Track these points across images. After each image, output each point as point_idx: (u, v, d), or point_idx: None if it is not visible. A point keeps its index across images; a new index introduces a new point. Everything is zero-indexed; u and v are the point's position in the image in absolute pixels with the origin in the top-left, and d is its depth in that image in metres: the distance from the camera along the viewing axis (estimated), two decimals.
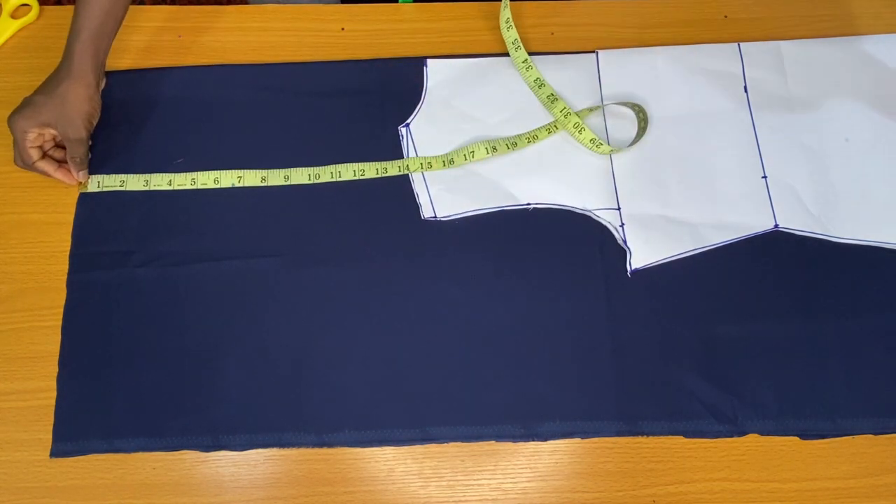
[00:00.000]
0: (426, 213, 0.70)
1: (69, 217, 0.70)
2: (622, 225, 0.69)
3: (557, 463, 0.62)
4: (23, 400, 0.63)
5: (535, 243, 0.68)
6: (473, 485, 0.62)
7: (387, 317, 0.66)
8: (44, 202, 0.70)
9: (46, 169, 0.68)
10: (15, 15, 0.78)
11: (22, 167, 0.69)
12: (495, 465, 0.62)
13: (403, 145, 0.72)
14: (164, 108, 0.74)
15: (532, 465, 0.62)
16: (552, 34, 0.78)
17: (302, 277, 0.67)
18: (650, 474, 0.62)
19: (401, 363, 0.64)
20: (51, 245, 0.69)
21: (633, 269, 0.67)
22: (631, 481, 0.62)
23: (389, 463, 0.62)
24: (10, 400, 0.63)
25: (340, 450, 0.62)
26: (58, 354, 0.64)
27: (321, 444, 0.62)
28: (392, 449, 0.62)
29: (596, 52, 0.76)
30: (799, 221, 0.69)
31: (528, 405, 0.63)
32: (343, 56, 0.77)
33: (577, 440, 0.63)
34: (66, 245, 0.68)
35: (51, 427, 0.62)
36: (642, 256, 0.68)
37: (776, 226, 0.69)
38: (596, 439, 0.63)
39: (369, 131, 0.73)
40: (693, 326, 0.65)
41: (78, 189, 0.70)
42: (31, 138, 0.67)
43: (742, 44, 0.76)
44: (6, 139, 0.69)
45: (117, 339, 0.65)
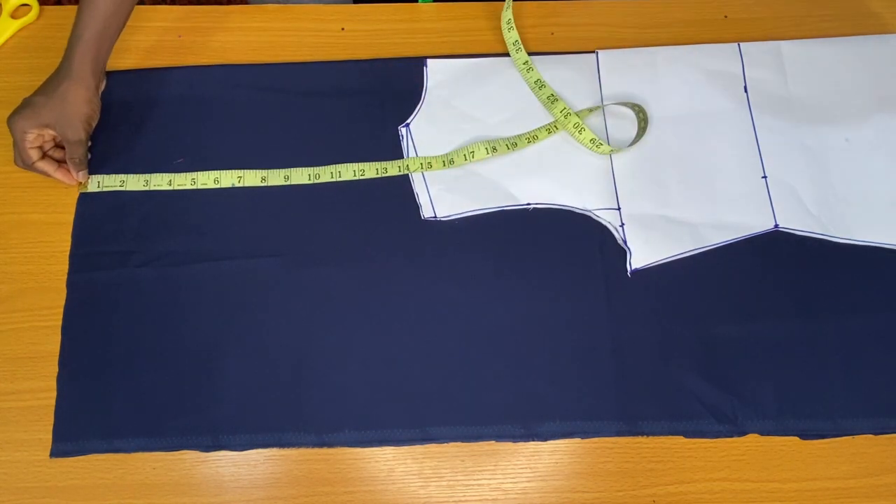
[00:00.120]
0: (426, 213, 0.70)
1: (69, 217, 0.70)
2: (622, 225, 0.69)
3: (557, 463, 0.62)
4: (23, 400, 0.63)
5: (535, 243, 0.69)
6: (473, 485, 0.62)
7: (387, 317, 0.66)
8: (44, 202, 0.70)
9: (46, 169, 0.68)
10: (15, 15, 0.78)
11: (22, 167, 0.69)
12: (495, 465, 0.62)
13: (403, 145, 0.72)
14: (164, 108, 0.74)
15: (532, 465, 0.62)
16: (552, 34, 0.78)
17: (302, 277, 0.67)
18: (650, 474, 0.62)
19: (401, 363, 0.64)
20: (51, 245, 0.69)
21: (633, 269, 0.67)
22: (631, 481, 0.62)
23: (389, 463, 0.62)
24: (10, 400, 0.63)
25: (340, 450, 0.62)
26: (58, 354, 0.64)
27: (321, 444, 0.62)
28: (392, 449, 0.62)
29: (596, 53, 0.76)
30: (799, 221, 0.69)
31: (528, 405, 0.63)
32: (343, 56, 0.77)
33: (577, 440, 0.63)
34: (66, 245, 0.68)
35: (51, 427, 0.62)
36: (642, 256, 0.68)
37: (776, 226, 0.69)
38: (596, 439, 0.63)
39: (369, 131, 0.73)
40: (693, 326, 0.65)
41: (78, 189, 0.70)
42: (31, 139, 0.67)
43: (742, 44, 0.76)
44: (6, 139, 0.69)
45: (117, 339, 0.65)
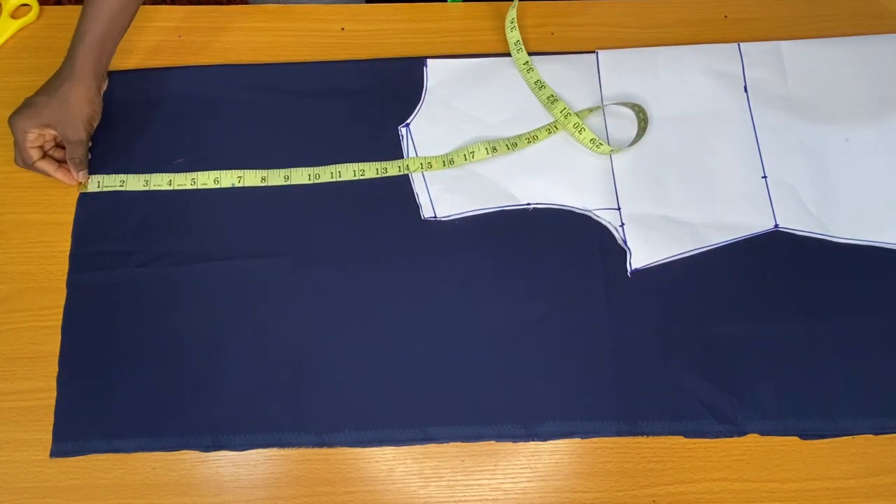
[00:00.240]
0: (426, 213, 0.70)
1: (69, 217, 0.70)
2: (622, 225, 0.69)
3: (557, 463, 0.62)
4: (23, 400, 0.63)
5: (536, 243, 0.68)
6: (473, 485, 0.62)
7: (387, 317, 0.66)
8: (44, 202, 0.70)
9: (46, 169, 0.68)
10: (15, 15, 0.78)
11: (22, 167, 0.69)
12: (495, 465, 0.62)
13: (403, 145, 0.72)
14: (165, 108, 0.74)
15: (532, 465, 0.62)
16: (552, 34, 0.78)
17: (302, 277, 0.67)
18: (650, 474, 0.62)
19: (401, 363, 0.64)
20: (51, 245, 0.69)
21: (634, 269, 0.67)
22: (631, 481, 0.62)
23: (389, 463, 0.62)
24: (10, 400, 0.63)
25: (340, 450, 0.62)
26: (58, 354, 0.64)
27: (321, 444, 0.62)
28: (392, 449, 0.62)
29: (596, 53, 0.76)
30: (799, 221, 0.69)
31: (528, 405, 0.63)
32: (343, 56, 0.77)
33: (577, 440, 0.63)
34: (66, 245, 0.68)
35: (51, 427, 0.62)
36: (642, 256, 0.68)
37: (776, 226, 0.69)
38: (596, 439, 0.63)
39: (369, 131, 0.73)
40: (693, 326, 0.65)
41: (78, 189, 0.70)
42: (32, 139, 0.67)
43: (742, 44, 0.76)
44: (6, 139, 0.69)
45: (117, 340, 0.65)
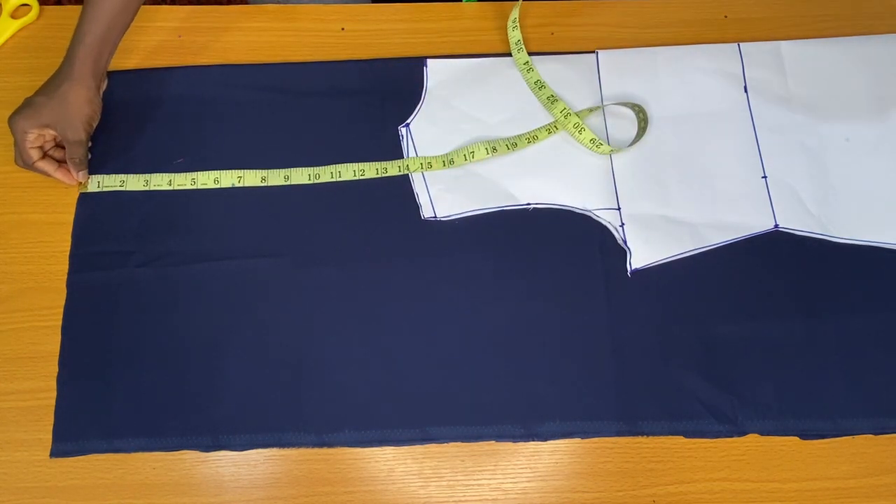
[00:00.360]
0: (426, 213, 0.70)
1: (69, 217, 0.70)
2: (622, 225, 0.69)
3: (557, 463, 0.62)
4: (23, 400, 0.63)
5: (536, 243, 0.68)
6: (473, 485, 0.62)
7: (387, 317, 0.66)
8: (44, 202, 0.70)
9: (46, 169, 0.68)
10: (15, 15, 0.78)
11: (22, 167, 0.69)
12: (495, 465, 0.62)
13: (403, 145, 0.72)
14: (164, 108, 0.74)
15: (532, 465, 0.62)
16: (552, 34, 0.78)
17: (302, 277, 0.67)
18: (650, 474, 0.62)
19: (401, 363, 0.64)
20: (51, 245, 0.69)
21: (634, 269, 0.67)
22: (631, 481, 0.62)
23: (389, 463, 0.62)
24: (10, 400, 0.63)
25: (340, 450, 0.62)
26: (58, 354, 0.64)
27: (321, 444, 0.62)
28: (392, 449, 0.62)
29: (596, 53, 0.76)
30: (799, 221, 0.69)
31: (528, 405, 0.63)
32: (343, 56, 0.77)
33: (577, 440, 0.63)
34: (66, 245, 0.68)
35: (51, 427, 0.62)
36: (642, 256, 0.68)
37: (776, 226, 0.69)
38: (596, 439, 0.63)
39: (369, 131, 0.73)
40: (693, 326, 0.65)
41: (78, 189, 0.70)
42: (31, 139, 0.67)
43: (742, 44, 0.76)
44: (6, 139, 0.69)
45: (117, 340, 0.65)
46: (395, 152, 0.72)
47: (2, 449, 0.62)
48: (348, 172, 0.71)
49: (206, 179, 0.71)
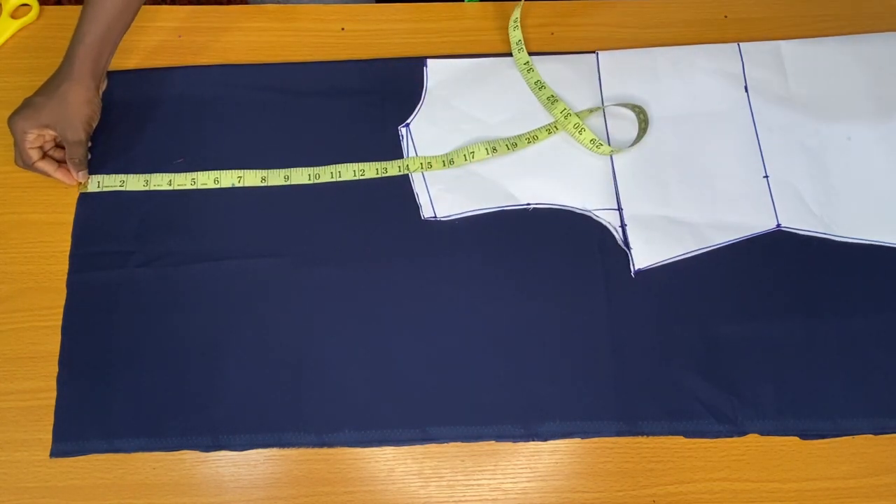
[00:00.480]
0: (426, 213, 0.70)
1: (69, 217, 0.70)
2: (622, 226, 0.69)
3: (557, 463, 0.62)
4: (23, 400, 0.63)
5: (535, 243, 0.68)
6: (473, 485, 0.62)
7: (387, 317, 0.66)
8: (44, 202, 0.70)
9: (46, 169, 0.68)
10: (15, 15, 0.78)
11: (22, 167, 0.69)
12: (495, 465, 0.62)
13: (403, 145, 0.72)
14: (164, 108, 0.74)
15: (532, 465, 0.62)
16: (552, 34, 0.78)
17: (302, 277, 0.67)
18: (650, 474, 0.62)
19: (401, 363, 0.64)
20: (51, 245, 0.69)
21: (637, 270, 0.67)
22: (631, 481, 0.62)
23: (389, 463, 0.62)
24: (10, 400, 0.63)
25: (340, 450, 0.62)
26: (58, 354, 0.64)
27: (321, 444, 0.62)
28: (392, 449, 0.62)
29: (596, 53, 0.76)
30: (801, 221, 0.69)
31: (528, 405, 0.63)
32: (343, 56, 0.77)
33: (577, 440, 0.63)
34: (66, 245, 0.68)
35: (51, 427, 0.62)
36: (645, 257, 0.68)
37: (778, 225, 0.69)
38: (596, 439, 0.63)
39: (369, 131, 0.73)
40: (693, 326, 0.65)
41: (78, 189, 0.70)
42: (31, 139, 0.67)
43: (742, 44, 0.76)
44: (6, 139, 0.69)
45: (117, 339, 0.65)
46: (395, 152, 0.72)
47: (2, 449, 0.62)
48: (348, 172, 0.71)
49: (206, 179, 0.71)
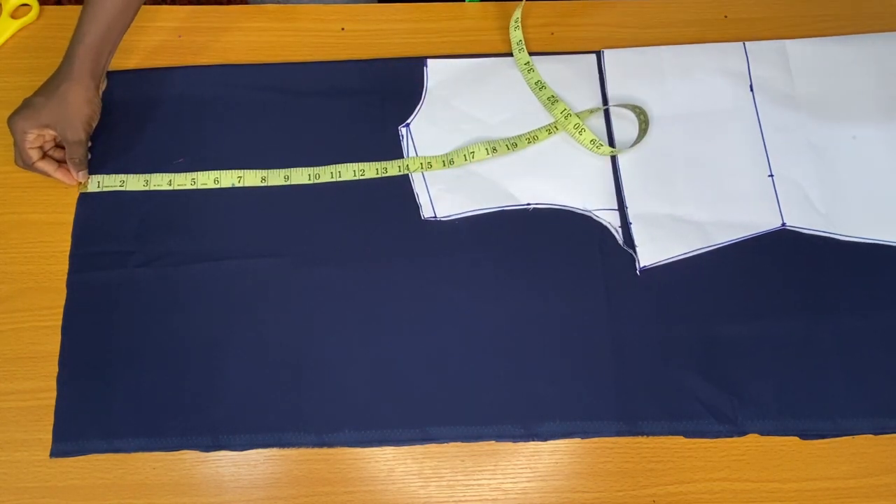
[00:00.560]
0: (426, 213, 0.70)
1: (69, 217, 0.70)
2: (621, 226, 0.69)
3: (557, 463, 0.62)
4: (23, 400, 0.63)
5: (535, 243, 0.68)
6: (473, 485, 0.62)
7: (387, 317, 0.66)
8: (44, 202, 0.70)
9: (46, 169, 0.68)
10: (15, 15, 0.78)
11: (22, 167, 0.69)
12: (495, 465, 0.62)
13: (403, 145, 0.72)
14: (164, 108, 0.74)
15: (532, 465, 0.62)
16: (552, 34, 0.78)
17: (302, 277, 0.67)
18: (650, 474, 0.62)
19: (401, 363, 0.64)
20: (51, 245, 0.69)
21: (642, 268, 0.67)
22: (631, 481, 0.62)
23: (389, 463, 0.62)
24: (10, 400, 0.63)
25: (340, 450, 0.62)
26: (58, 354, 0.64)
27: (321, 444, 0.62)
28: (392, 449, 0.62)
29: (602, 52, 0.76)
30: (806, 220, 0.69)
31: (528, 405, 0.63)
32: (343, 56, 0.77)
33: (577, 440, 0.63)
34: (66, 245, 0.68)
35: (51, 427, 0.62)
36: (650, 255, 0.68)
37: (783, 224, 0.69)
38: (596, 439, 0.63)
39: (369, 131, 0.73)
40: (693, 326, 0.65)
41: (78, 189, 0.70)
42: (31, 139, 0.67)
43: (747, 42, 0.76)
44: (6, 139, 0.69)
45: (117, 339, 0.65)
46: (395, 152, 0.72)
47: (2, 449, 0.62)
48: (348, 172, 0.71)
49: (206, 179, 0.71)
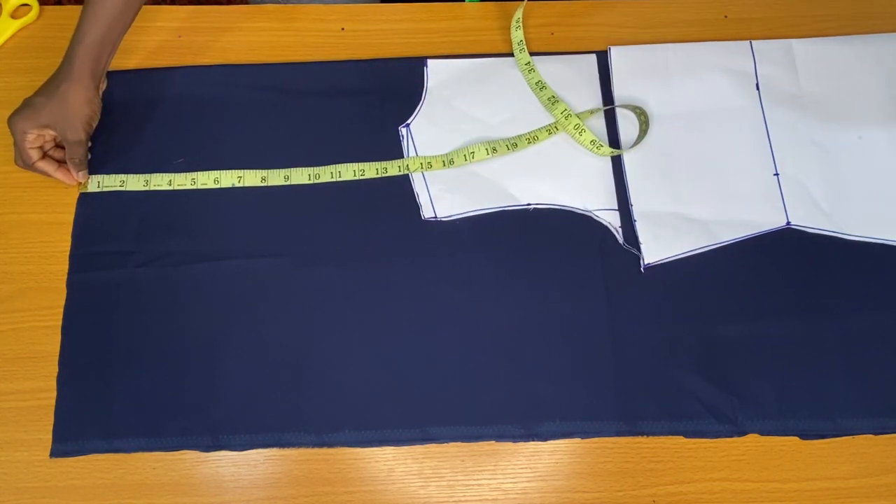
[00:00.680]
0: (426, 214, 0.70)
1: (69, 217, 0.70)
2: (622, 225, 0.69)
3: (557, 463, 0.62)
4: (23, 400, 0.63)
5: (536, 243, 0.68)
6: (473, 485, 0.62)
7: (387, 317, 0.66)
8: (44, 202, 0.70)
9: (46, 169, 0.68)
10: (15, 15, 0.78)
11: (22, 167, 0.69)
12: (495, 465, 0.62)
13: (404, 145, 0.72)
14: (164, 108, 0.74)
15: (532, 465, 0.62)
16: (552, 34, 0.78)
17: (302, 277, 0.67)
18: (650, 474, 0.62)
19: (401, 363, 0.64)
20: (51, 245, 0.69)
21: (646, 265, 0.67)
22: (631, 481, 0.62)
23: (389, 463, 0.62)
24: (10, 400, 0.63)
25: (340, 450, 0.62)
26: (58, 354, 0.64)
27: (321, 444, 0.62)
28: (392, 449, 0.62)
29: (608, 49, 0.76)
30: (811, 219, 0.69)
31: (528, 405, 0.63)
32: (343, 56, 0.77)
33: (577, 440, 0.63)
34: (66, 245, 0.68)
35: (51, 427, 0.62)
36: (655, 252, 0.68)
37: (788, 223, 0.69)
38: (596, 439, 0.63)
39: (369, 131, 0.73)
40: (693, 326, 0.65)
41: (78, 189, 0.70)
42: (31, 139, 0.67)
43: (754, 41, 0.76)
44: (6, 139, 0.69)
45: (117, 339, 0.65)
46: (396, 152, 0.72)
47: (2, 449, 0.62)
48: (348, 172, 0.71)
49: (206, 179, 0.71)
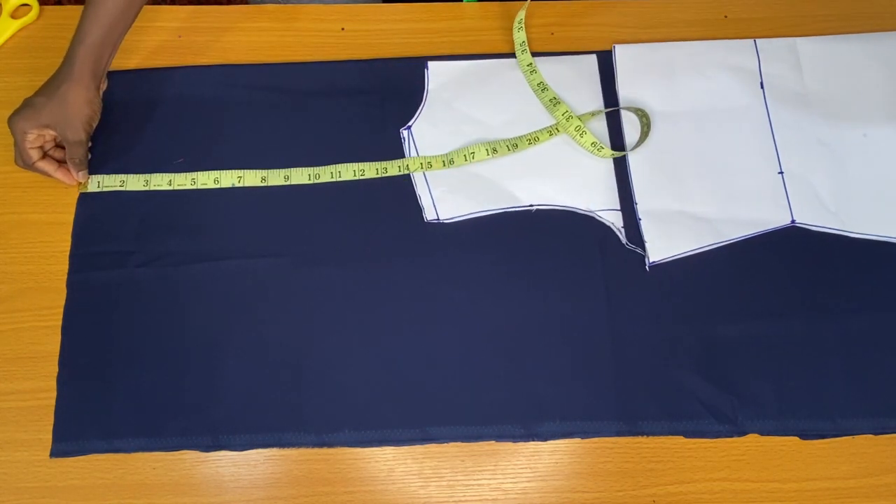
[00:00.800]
0: (429, 216, 0.69)
1: (69, 217, 0.70)
2: (624, 226, 0.69)
3: (557, 463, 0.62)
4: (23, 400, 0.63)
5: (538, 245, 0.68)
6: (473, 485, 0.62)
7: (387, 317, 0.66)
8: (44, 202, 0.70)
9: (46, 169, 0.68)
10: (15, 15, 0.78)
11: (22, 167, 0.69)
12: (495, 465, 0.62)
13: (405, 147, 0.72)
14: (165, 109, 0.74)
15: (532, 465, 0.62)
16: (552, 34, 0.78)
17: (302, 278, 0.67)
18: (650, 474, 0.62)
19: (401, 363, 0.64)
20: (51, 245, 0.69)
21: (651, 263, 0.67)
22: (631, 481, 0.62)
23: (389, 463, 0.62)
24: (10, 400, 0.63)
25: (340, 450, 0.62)
26: (58, 354, 0.64)
27: (321, 444, 0.62)
28: (392, 449, 0.62)
29: (613, 47, 0.76)
30: (816, 217, 0.69)
31: (528, 405, 0.63)
32: (343, 56, 0.77)
33: (577, 440, 0.63)
34: (66, 245, 0.68)
35: (51, 427, 0.62)
36: (660, 251, 0.68)
37: (793, 221, 0.69)
38: (596, 439, 0.63)
39: (369, 131, 0.73)
40: (694, 326, 0.65)
41: (78, 189, 0.70)
42: (31, 139, 0.67)
43: (758, 40, 0.76)
44: (6, 139, 0.69)
45: (117, 339, 0.65)
46: (396, 153, 0.72)
47: (2, 449, 0.62)
48: (348, 172, 0.71)
49: (206, 179, 0.71)
